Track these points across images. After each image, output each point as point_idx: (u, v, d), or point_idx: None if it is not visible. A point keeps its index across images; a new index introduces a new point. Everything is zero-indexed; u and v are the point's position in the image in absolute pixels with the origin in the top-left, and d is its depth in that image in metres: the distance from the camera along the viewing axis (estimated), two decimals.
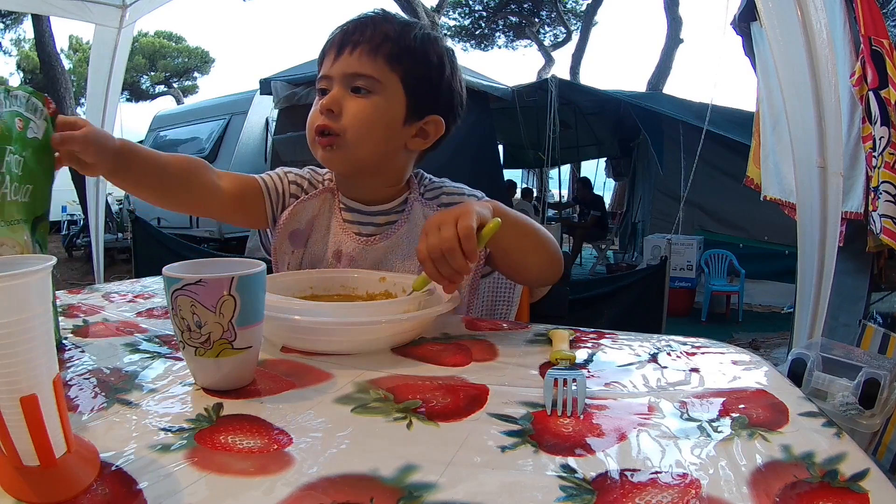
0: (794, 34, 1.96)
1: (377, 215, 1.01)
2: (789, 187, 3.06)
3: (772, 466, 0.45)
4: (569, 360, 0.66)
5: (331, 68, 0.94)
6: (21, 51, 18.13)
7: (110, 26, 3.78)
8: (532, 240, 0.90)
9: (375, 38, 0.92)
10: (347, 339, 0.72)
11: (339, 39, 0.94)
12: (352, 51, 0.92)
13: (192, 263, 0.64)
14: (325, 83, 0.96)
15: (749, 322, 5.04)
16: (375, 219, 1.00)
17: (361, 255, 0.98)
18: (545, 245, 0.91)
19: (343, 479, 0.43)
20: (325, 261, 1.00)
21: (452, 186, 1.06)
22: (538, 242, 0.90)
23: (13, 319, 0.37)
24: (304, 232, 1.01)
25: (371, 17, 0.96)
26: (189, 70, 22.40)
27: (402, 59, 0.93)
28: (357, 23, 0.95)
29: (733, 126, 5.33)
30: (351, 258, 0.98)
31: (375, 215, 1.01)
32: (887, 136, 2.34)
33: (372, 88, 0.92)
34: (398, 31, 0.94)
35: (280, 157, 6.64)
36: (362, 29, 0.94)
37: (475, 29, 18.52)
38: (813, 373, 1.77)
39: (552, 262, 0.93)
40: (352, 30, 0.94)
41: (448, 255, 0.73)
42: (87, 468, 0.42)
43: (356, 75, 0.92)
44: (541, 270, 0.94)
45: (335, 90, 0.93)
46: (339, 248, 0.99)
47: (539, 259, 0.91)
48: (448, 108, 0.99)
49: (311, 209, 1.02)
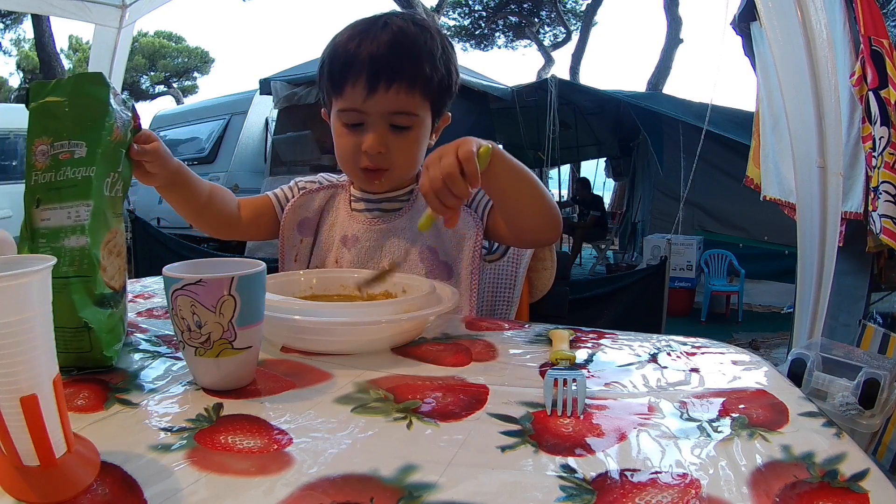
0: (794, 34, 1.97)
1: (384, 202, 1.05)
2: (789, 187, 3.06)
3: (772, 466, 0.45)
4: (569, 360, 0.66)
5: (364, 103, 0.92)
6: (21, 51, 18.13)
7: (110, 26, 3.78)
8: (528, 183, 0.87)
9: (408, 70, 0.91)
10: (347, 339, 0.72)
11: (369, 70, 0.90)
12: (387, 87, 0.91)
13: (192, 263, 0.64)
14: (357, 117, 0.94)
15: (749, 322, 5.04)
16: (382, 205, 1.04)
17: (366, 236, 1.01)
18: (541, 193, 0.88)
19: (343, 479, 0.43)
20: (334, 247, 1.04)
21: None
22: (533, 187, 0.87)
23: (13, 319, 0.37)
24: (313, 220, 1.07)
25: (395, 41, 0.91)
26: (189, 70, 22.39)
27: (432, 84, 0.95)
28: (384, 50, 0.90)
29: (733, 126, 5.34)
30: (356, 239, 1.02)
31: (382, 202, 1.05)
32: (887, 137, 2.34)
33: (411, 124, 0.95)
34: (425, 53, 0.93)
35: (280, 157, 6.65)
36: (392, 59, 0.90)
37: (475, 29, 18.52)
38: (813, 373, 1.77)
39: (548, 213, 0.89)
40: (381, 60, 0.90)
41: (449, 181, 0.73)
42: (87, 468, 0.42)
43: (397, 114, 0.93)
44: (534, 217, 0.89)
45: (377, 131, 0.93)
46: (345, 234, 1.03)
47: (534, 205, 0.88)
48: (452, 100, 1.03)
49: (319, 199, 1.08)
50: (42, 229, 0.64)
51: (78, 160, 0.65)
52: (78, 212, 0.64)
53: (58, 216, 0.64)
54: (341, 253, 1.03)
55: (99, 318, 0.63)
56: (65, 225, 0.63)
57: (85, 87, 0.67)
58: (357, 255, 1.01)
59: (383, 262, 1.00)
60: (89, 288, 0.63)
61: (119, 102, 0.71)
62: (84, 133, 0.65)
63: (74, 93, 0.66)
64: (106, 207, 0.67)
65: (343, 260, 1.02)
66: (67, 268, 0.62)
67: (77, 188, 0.64)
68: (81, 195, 0.64)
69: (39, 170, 0.65)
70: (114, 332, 0.66)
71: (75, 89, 0.67)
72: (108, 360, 0.64)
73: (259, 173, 7.33)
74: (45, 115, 0.66)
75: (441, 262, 1.00)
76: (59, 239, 0.63)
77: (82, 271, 0.63)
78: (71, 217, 0.63)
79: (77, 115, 0.66)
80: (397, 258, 0.99)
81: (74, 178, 0.64)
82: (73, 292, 0.62)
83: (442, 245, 1.01)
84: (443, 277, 0.98)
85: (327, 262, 1.05)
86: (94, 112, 0.67)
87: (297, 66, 6.65)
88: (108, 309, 0.66)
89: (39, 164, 0.65)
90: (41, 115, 0.66)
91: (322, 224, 1.07)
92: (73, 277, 0.62)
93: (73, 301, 0.62)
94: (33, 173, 0.65)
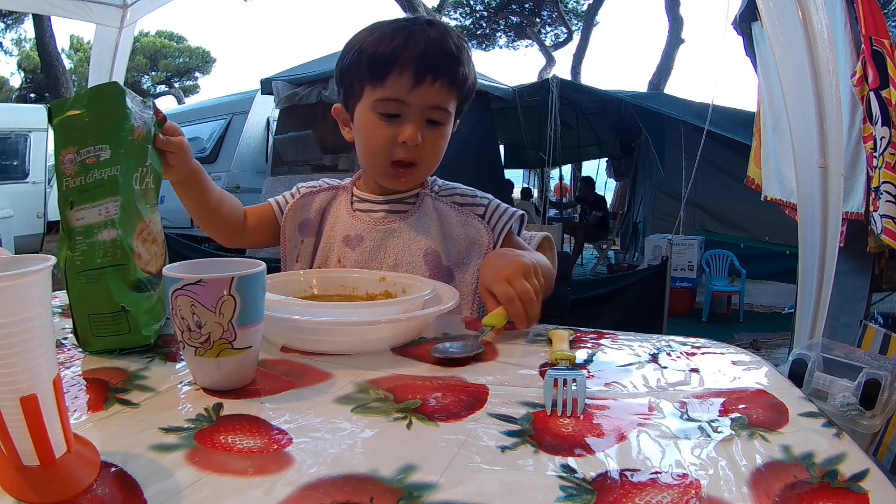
0: (794, 34, 1.96)
1: (386, 203, 1.05)
2: (790, 187, 3.06)
3: (772, 467, 0.45)
4: (569, 361, 0.66)
5: (408, 94, 0.94)
6: (22, 50, 18.15)
7: (111, 26, 3.78)
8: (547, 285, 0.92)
9: (451, 66, 0.95)
10: (347, 339, 0.72)
11: (418, 62, 0.93)
12: (433, 82, 0.94)
13: (192, 263, 0.64)
14: (396, 107, 0.95)
15: (750, 322, 5.03)
16: (387, 206, 1.05)
17: (370, 235, 1.02)
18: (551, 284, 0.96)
19: (343, 479, 0.43)
20: (336, 247, 1.04)
21: (464, 189, 1.10)
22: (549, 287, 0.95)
23: (13, 319, 0.37)
24: (314, 221, 1.08)
25: (437, 39, 0.94)
26: (190, 70, 22.41)
27: (465, 90, 1.00)
28: (433, 46, 0.94)
29: (734, 126, 5.33)
30: (360, 238, 1.02)
31: (387, 203, 1.05)
32: (888, 137, 2.33)
33: (444, 120, 0.99)
34: (459, 52, 0.97)
35: (281, 157, 6.65)
36: (441, 58, 0.94)
37: (476, 29, 18.52)
38: (814, 373, 1.77)
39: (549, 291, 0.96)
40: (430, 54, 0.93)
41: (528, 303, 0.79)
42: (87, 468, 0.42)
43: (435, 108, 0.96)
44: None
45: (415, 122, 0.96)
46: (348, 234, 1.04)
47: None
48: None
49: (319, 200, 1.09)
50: (78, 228, 0.70)
51: (103, 162, 0.71)
52: (107, 208, 0.70)
53: (90, 214, 0.70)
54: (344, 252, 1.03)
55: (136, 301, 0.70)
56: (97, 221, 0.70)
57: (101, 96, 0.72)
58: (361, 255, 1.01)
59: (387, 261, 1.00)
60: (124, 275, 0.70)
61: (137, 104, 0.77)
62: (106, 137, 0.71)
63: (91, 103, 0.72)
64: (136, 200, 0.74)
65: (346, 259, 1.03)
66: (101, 259, 0.69)
67: (105, 187, 0.70)
68: (109, 192, 0.71)
69: (69, 176, 0.70)
70: (152, 312, 0.72)
71: (92, 100, 0.72)
72: (146, 339, 0.70)
73: (260, 173, 7.33)
74: (67, 128, 0.71)
75: (444, 266, 1.00)
76: (94, 234, 0.69)
77: (116, 261, 0.70)
78: (102, 213, 0.70)
79: (97, 122, 0.71)
80: (400, 258, 1.00)
81: (102, 179, 0.70)
82: (109, 281, 0.69)
83: (447, 249, 1.01)
84: (444, 281, 0.98)
85: (330, 262, 1.05)
86: (112, 118, 0.72)
87: (299, 66, 6.64)
88: (146, 292, 0.72)
89: (68, 172, 0.70)
90: (64, 128, 0.71)
91: (323, 225, 1.08)
92: (108, 267, 0.69)
93: (109, 289, 0.69)
94: (64, 180, 0.70)
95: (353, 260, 1.02)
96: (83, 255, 0.69)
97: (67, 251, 0.70)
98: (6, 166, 8.89)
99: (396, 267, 0.99)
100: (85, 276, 0.69)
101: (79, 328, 0.70)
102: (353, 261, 1.02)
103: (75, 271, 0.69)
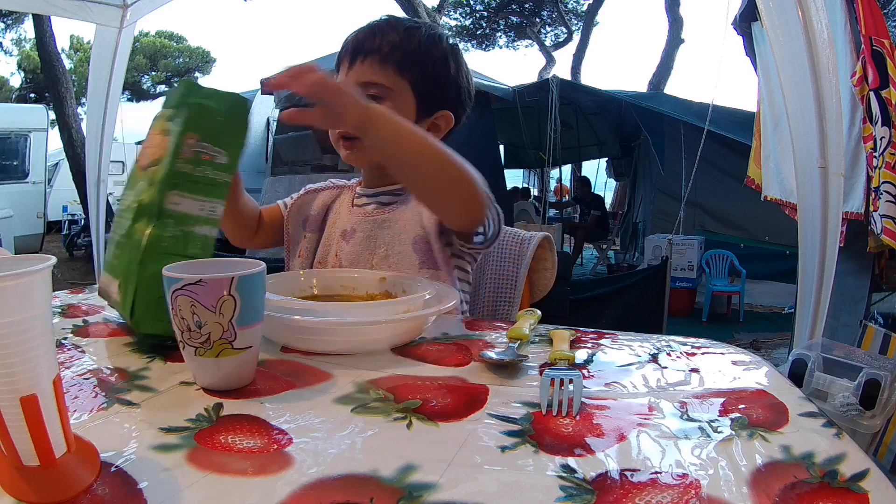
0: (794, 34, 1.96)
1: (381, 195, 1.07)
2: (790, 187, 3.06)
3: (772, 467, 0.45)
4: (567, 361, 0.66)
5: (346, 76, 1.00)
6: (22, 50, 18.14)
7: (111, 26, 3.78)
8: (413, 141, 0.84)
9: (384, 48, 0.98)
10: (347, 339, 0.72)
11: (351, 49, 1.00)
12: (363, 60, 0.98)
13: (192, 263, 0.64)
14: None
15: (750, 322, 5.04)
16: (379, 198, 1.07)
17: (361, 227, 1.03)
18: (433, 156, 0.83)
19: (343, 479, 0.43)
20: (334, 242, 1.06)
21: None
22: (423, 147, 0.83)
23: (13, 319, 0.37)
24: (317, 217, 1.10)
25: (379, 26, 1.01)
26: (190, 70, 22.38)
27: (410, 65, 0.99)
28: (367, 32, 1.00)
29: (734, 126, 5.33)
30: (353, 231, 1.04)
31: (380, 195, 1.07)
32: (888, 137, 2.33)
33: (384, 95, 0.98)
34: (404, 38, 0.99)
35: (281, 157, 6.65)
36: (371, 38, 0.99)
37: (476, 29, 18.51)
38: (814, 373, 1.77)
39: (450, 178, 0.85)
40: (361, 39, 0.99)
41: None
42: (87, 468, 0.42)
43: (368, 84, 0.98)
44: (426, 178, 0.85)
45: None
46: (345, 228, 1.05)
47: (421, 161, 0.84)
48: (456, 102, 1.06)
49: (323, 197, 1.12)
50: (170, 210, 0.72)
51: (218, 165, 0.75)
52: (213, 207, 0.74)
53: (189, 205, 0.73)
54: (340, 246, 1.05)
55: None
56: (197, 215, 0.73)
57: (237, 108, 0.77)
58: (354, 247, 1.02)
59: (378, 252, 1.00)
60: None
61: None
62: (227, 145, 0.75)
63: (230, 108, 0.76)
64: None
65: (342, 252, 1.04)
66: (198, 251, 0.72)
67: (215, 188, 0.75)
68: (218, 195, 0.75)
69: (183, 159, 0.72)
70: None
71: (231, 106, 0.76)
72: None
73: (260, 173, 7.33)
74: (201, 115, 0.74)
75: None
76: (189, 224, 0.72)
77: (208, 255, 0.73)
78: (204, 210, 0.74)
79: (227, 127, 0.76)
80: (391, 248, 1.00)
81: (214, 179, 0.74)
82: None
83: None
84: (435, 267, 0.99)
85: (329, 257, 1.06)
86: (239, 131, 0.78)
87: None
88: None
89: (185, 154, 0.72)
90: (199, 113, 0.74)
91: (326, 221, 1.10)
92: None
93: None
94: (178, 160, 0.72)
95: (347, 252, 1.03)
96: (174, 240, 0.71)
97: (155, 229, 0.70)
98: (6, 166, 8.89)
99: (388, 257, 0.99)
100: (170, 260, 0.67)
101: (138, 307, 0.69)
102: (347, 253, 1.03)
103: (159, 251, 0.70)
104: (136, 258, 0.70)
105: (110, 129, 4.05)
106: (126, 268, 0.71)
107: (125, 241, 0.73)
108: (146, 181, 0.74)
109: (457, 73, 1.04)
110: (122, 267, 0.73)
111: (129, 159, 5.33)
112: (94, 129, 4.05)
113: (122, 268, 0.73)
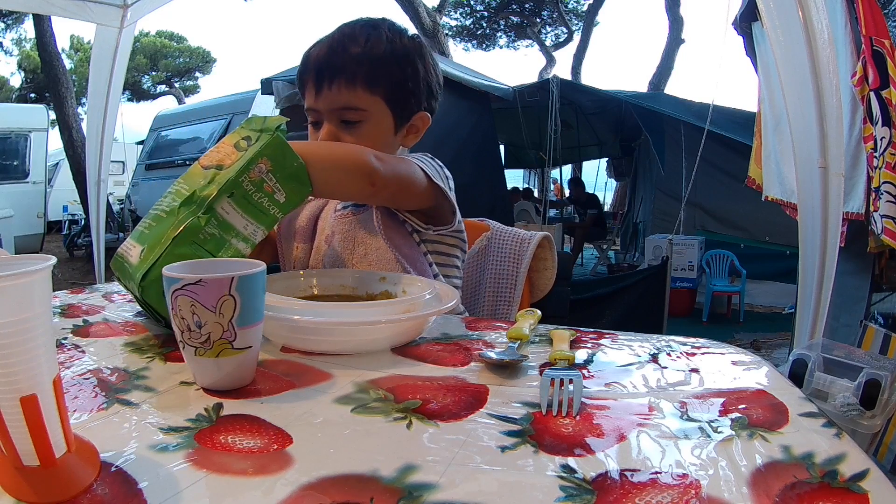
0: (795, 34, 1.96)
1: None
2: (790, 187, 3.06)
3: (772, 467, 0.45)
4: (567, 361, 0.66)
5: (315, 102, 0.98)
6: (22, 50, 18.15)
7: (111, 26, 3.78)
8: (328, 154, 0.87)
9: (348, 67, 0.96)
10: (347, 339, 0.72)
11: (314, 72, 0.97)
12: (330, 85, 0.96)
13: (192, 263, 0.64)
14: (313, 115, 1.00)
15: (750, 322, 5.04)
16: (351, 202, 1.05)
17: (339, 228, 1.02)
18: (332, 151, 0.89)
19: (343, 479, 0.43)
20: (323, 249, 1.04)
21: None
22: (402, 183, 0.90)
23: (14, 319, 0.37)
24: (307, 228, 1.08)
25: (337, 41, 0.98)
26: (190, 70, 22.39)
27: (378, 77, 0.97)
28: (326, 49, 0.98)
29: (735, 126, 5.33)
30: (333, 234, 1.03)
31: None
32: (888, 137, 2.33)
33: (360, 118, 0.98)
34: (366, 49, 0.96)
35: None
36: (331, 57, 0.97)
37: (476, 29, 18.50)
38: (814, 373, 1.77)
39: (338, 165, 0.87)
40: (323, 58, 0.97)
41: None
42: (87, 468, 0.42)
43: (342, 109, 0.97)
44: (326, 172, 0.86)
45: (328, 127, 0.98)
46: (328, 233, 1.04)
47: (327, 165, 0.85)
48: (429, 98, 1.05)
49: (311, 208, 1.09)
50: (218, 213, 0.74)
51: (275, 200, 0.78)
52: (255, 231, 0.78)
53: (236, 218, 0.76)
54: (324, 250, 1.04)
55: None
56: (238, 229, 0.76)
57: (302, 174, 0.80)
58: (333, 248, 1.02)
59: (357, 251, 1.00)
60: None
61: None
62: (289, 191, 0.79)
63: (302, 166, 0.80)
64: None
65: (325, 256, 1.03)
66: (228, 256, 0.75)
67: (265, 217, 0.78)
68: (265, 223, 0.78)
69: (248, 178, 0.76)
70: None
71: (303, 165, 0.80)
72: None
73: None
74: (282, 150, 0.78)
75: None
76: (229, 233, 0.75)
77: None
78: (247, 229, 0.77)
79: (296, 176, 0.79)
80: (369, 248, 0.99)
81: (266, 209, 0.78)
82: None
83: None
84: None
85: (318, 266, 1.05)
86: (303, 186, 0.81)
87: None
88: None
89: (253, 175, 0.76)
90: (280, 147, 0.78)
91: (316, 230, 1.09)
92: None
93: None
94: (246, 175, 0.76)
95: (328, 255, 1.02)
96: (211, 238, 0.73)
97: (198, 219, 0.72)
98: (6, 166, 8.89)
99: (366, 256, 0.99)
100: (200, 252, 0.72)
101: (152, 274, 0.70)
102: (328, 255, 1.02)
103: (193, 238, 0.72)
104: (171, 234, 0.72)
105: (110, 129, 4.06)
106: (157, 238, 0.73)
107: (164, 217, 0.75)
108: (204, 178, 0.76)
109: (426, 72, 1.02)
110: (153, 236, 0.74)
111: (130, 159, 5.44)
112: (95, 129, 4.06)
113: (152, 237, 0.74)
